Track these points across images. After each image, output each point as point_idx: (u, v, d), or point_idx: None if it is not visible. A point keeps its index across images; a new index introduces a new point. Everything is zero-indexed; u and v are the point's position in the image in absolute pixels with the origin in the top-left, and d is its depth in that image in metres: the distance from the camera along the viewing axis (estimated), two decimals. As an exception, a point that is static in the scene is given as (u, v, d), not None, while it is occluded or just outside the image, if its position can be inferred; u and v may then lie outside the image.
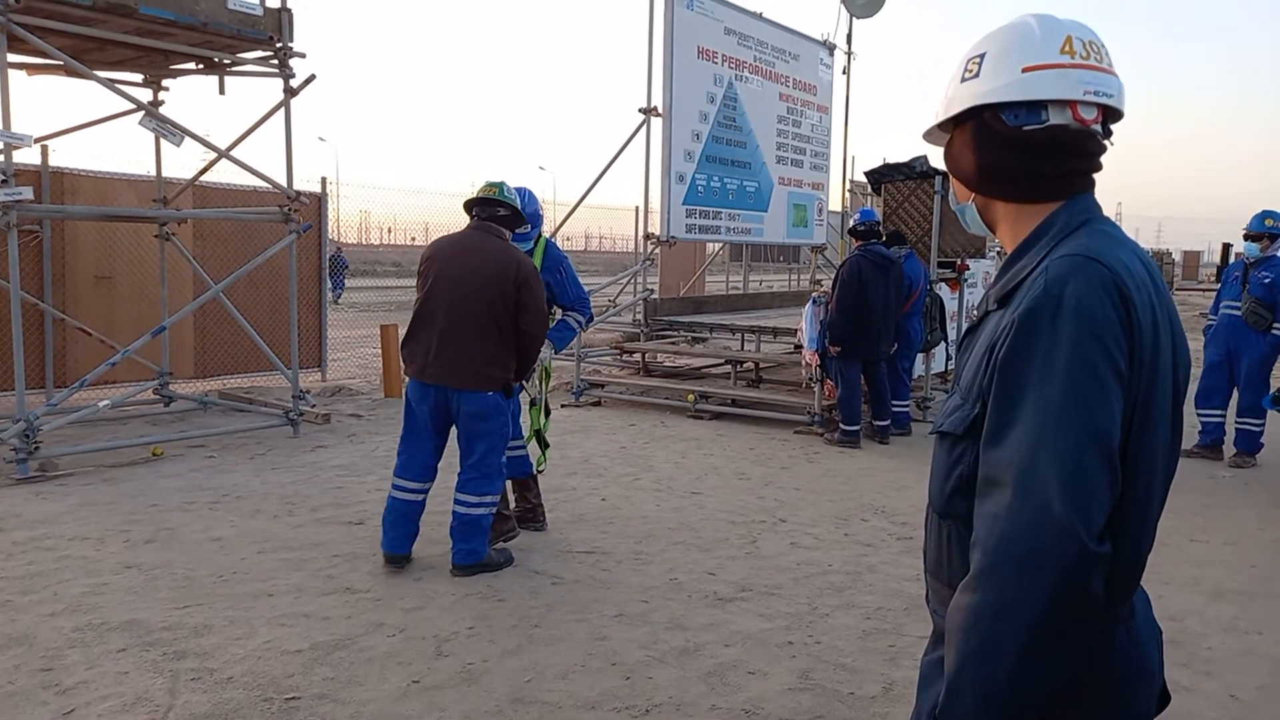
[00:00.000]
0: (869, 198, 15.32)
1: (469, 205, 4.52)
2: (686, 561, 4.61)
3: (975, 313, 1.41)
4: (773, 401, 8.54)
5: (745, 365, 9.78)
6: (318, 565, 4.45)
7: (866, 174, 10.16)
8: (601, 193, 18.66)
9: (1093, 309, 1.18)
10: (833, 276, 8.08)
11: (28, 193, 6.00)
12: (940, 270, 8.71)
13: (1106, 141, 1.39)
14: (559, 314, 4.99)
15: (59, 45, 6.26)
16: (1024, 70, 1.35)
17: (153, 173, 8.44)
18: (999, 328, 1.27)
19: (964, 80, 1.42)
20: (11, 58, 6.20)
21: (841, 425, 7.47)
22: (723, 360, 10.04)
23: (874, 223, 7.73)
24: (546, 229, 5.26)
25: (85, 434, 7.18)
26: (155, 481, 5.97)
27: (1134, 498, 1.24)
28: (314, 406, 8.03)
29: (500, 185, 4.49)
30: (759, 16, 10.88)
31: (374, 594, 4.10)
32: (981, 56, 1.40)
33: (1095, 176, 1.40)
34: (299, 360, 7.95)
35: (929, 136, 1.55)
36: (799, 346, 8.19)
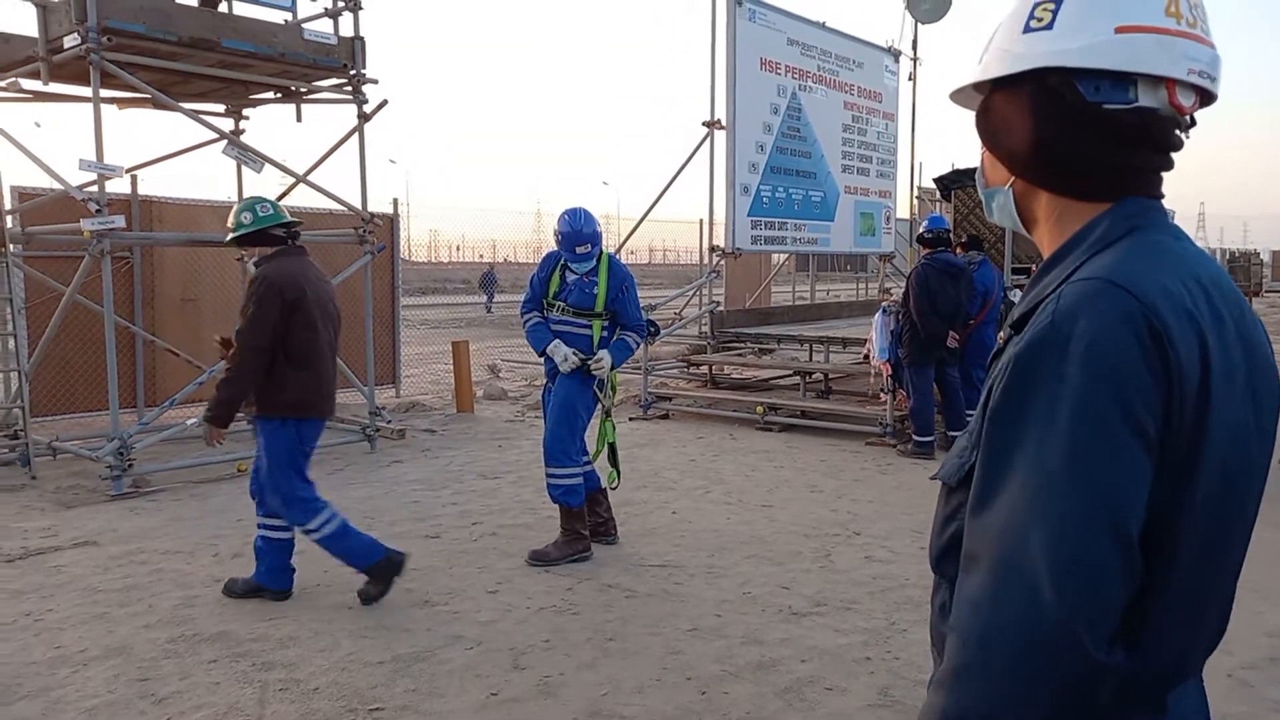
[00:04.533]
0: (938, 204, 15.07)
1: (288, 227, 4.23)
2: (759, 575, 4.58)
3: (1001, 335, 1.15)
4: (843, 413, 8.44)
5: (814, 376, 9.69)
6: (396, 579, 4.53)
7: (935, 180, 10.00)
8: (665, 206, 18.72)
9: (1109, 351, 0.94)
10: (903, 285, 7.96)
11: (120, 221, 6.29)
12: (1015, 277, 8.52)
13: (1186, 135, 1.11)
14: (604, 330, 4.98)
15: (147, 79, 6.55)
16: (1118, 30, 1.04)
17: (235, 198, 8.76)
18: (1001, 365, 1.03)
19: (1029, 30, 1.09)
20: (103, 93, 6.51)
21: (915, 436, 7.35)
22: (791, 371, 9.97)
23: (942, 230, 7.60)
24: (612, 244, 5.28)
25: (174, 451, 7.45)
26: (240, 497, 6.15)
27: (1172, 588, 0.99)
28: (389, 423, 8.21)
29: (272, 203, 4.26)
30: (822, 26, 10.83)
31: (451, 607, 4.16)
32: (1058, 1, 1.08)
33: (1164, 176, 1.13)
34: (374, 377, 8.14)
35: (958, 96, 1.23)
36: (867, 357, 8.08)
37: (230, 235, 4.23)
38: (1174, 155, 1.12)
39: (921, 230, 7.69)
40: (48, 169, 6.73)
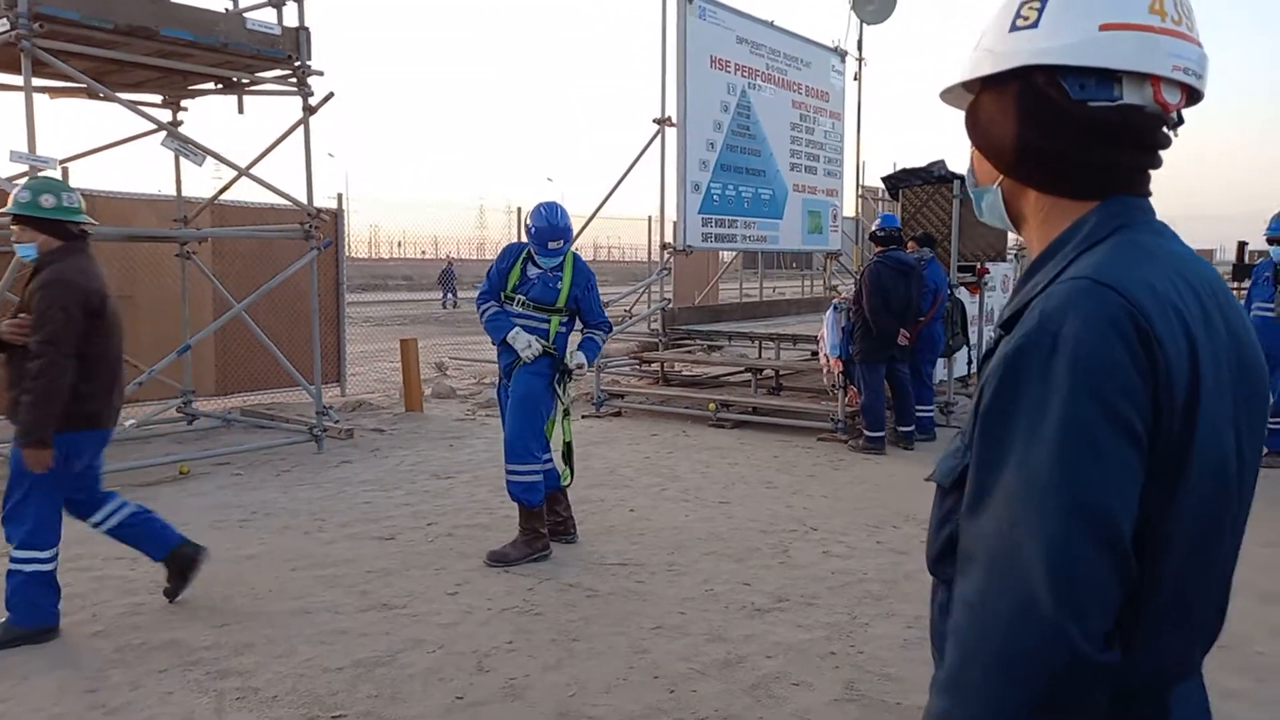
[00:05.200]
0: (881, 203, 15.31)
1: (77, 225, 3.82)
2: (721, 572, 4.59)
3: (991, 335, 1.17)
4: (795, 409, 8.52)
5: (765, 373, 9.76)
6: (351, 581, 4.45)
7: (884, 179, 10.16)
8: (611, 203, 18.69)
9: (1096, 352, 0.94)
10: (854, 283, 8.07)
11: (54, 215, 6.03)
12: (960, 275, 8.68)
13: (1173, 133, 1.12)
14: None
15: (81, 68, 6.30)
16: (1102, 27, 1.05)
17: (172, 192, 8.50)
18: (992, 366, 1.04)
19: (1015, 28, 1.10)
20: (36, 81, 6.25)
21: (866, 431, 7.45)
22: (742, 368, 10.02)
23: (894, 229, 7.71)
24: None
25: (112, 453, 7.14)
26: (184, 500, 5.98)
27: (1165, 586, 1.00)
28: (337, 422, 8.05)
29: (79, 196, 3.89)
30: (770, 25, 10.89)
31: (410, 610, 4.09)
32: (1043, 0, 1.09)
33: (1151, 174, 1.13)
34: (320, 376, 7.97)
35: (948, 96, 1.24)
36: (816, 354, 8.17)
37: (16, 210, 3.72)
38: (1161, 153, 1.12)
39: (874, 228, 7.80)
40: (-27, 160, 6.43)
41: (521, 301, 4.78)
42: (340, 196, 10.68)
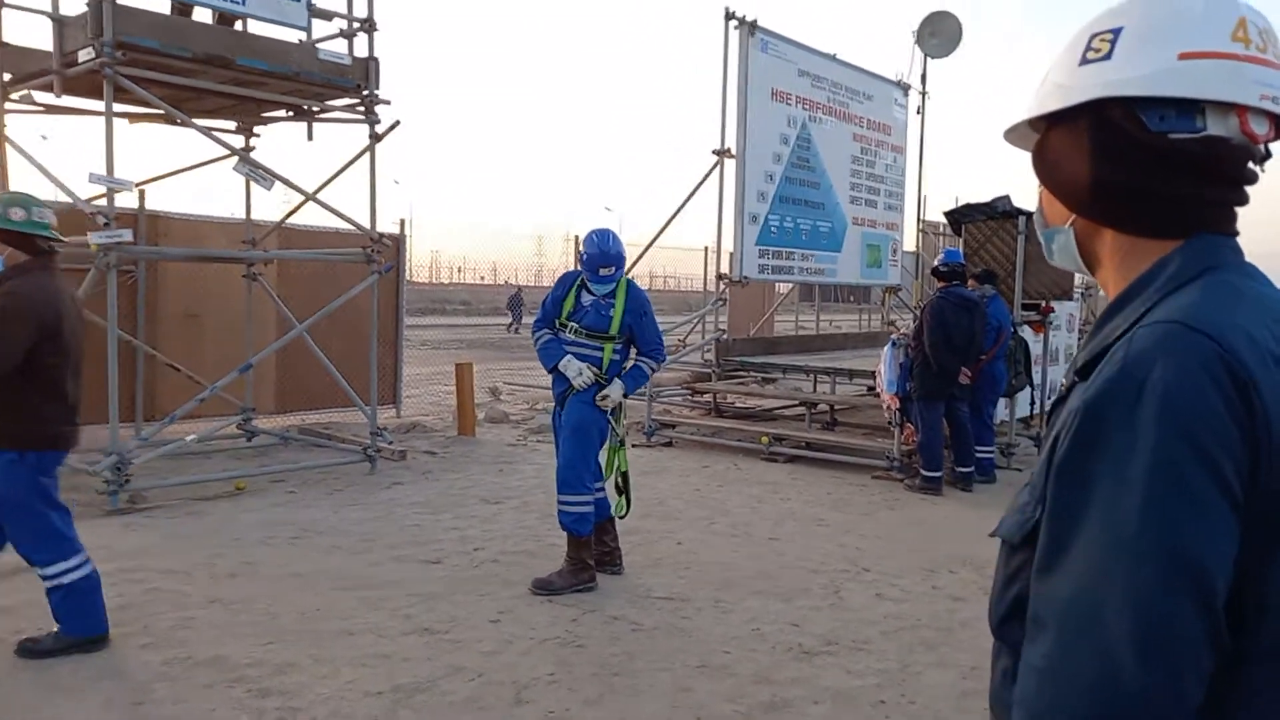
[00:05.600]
0: (943, 238, 15.08)
1: (45, 240, 3.78)
2: (768, 611, 4.49)
3: (1064, 381, 1.11)
4: (850, 445, 8.37)
5: (820, 407, 9.62)
6: (395, 604, 4.44)
7: (946, 214, 10.00)
8: (668, 233, 18.74)
9: (1188, 398, 0.87)
10: (913, 318, 7.93)
11: (127, 235, 6.25)
12: (1024, 313, 8.48)
13: (1261, 167, 1.06)
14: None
15: (160, 95, 6.53)
16: (1181, 57, 0.99)
17: (242, 215, 8.73)
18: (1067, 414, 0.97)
19: (1086, 62, 1.05)
20: (116, 107, 6.49)
21: (923, 471, 7.27)
22: (796, 402, 9.90)
23: (958, 264, 7.56)
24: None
25: (173, 467, 7.36)
26: (238, 515, 6.07)
27: (1263, 655, 0.90)
28: (390, 444, 8.13)
29: (48, 210, 3.82)
30: (833, 58, 10.87)
31: (452, 636, 4.07)
32: (1116, 32, 1.03)
33: (1238, 211, 1.06)
34: (376, 397, 8.07)
35: (1012, 135, 1.19)
36: (873, 390, 8.02)
37: None
38: (1248, 189, 1.06)
39: (937, 263, 7.66)
40: (57, 181, 6.70)
41: (574, 329, 4.77)
42: (403, 222, 10.89)
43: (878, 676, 3.76)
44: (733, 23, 9.38)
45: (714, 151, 9.50)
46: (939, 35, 12.27)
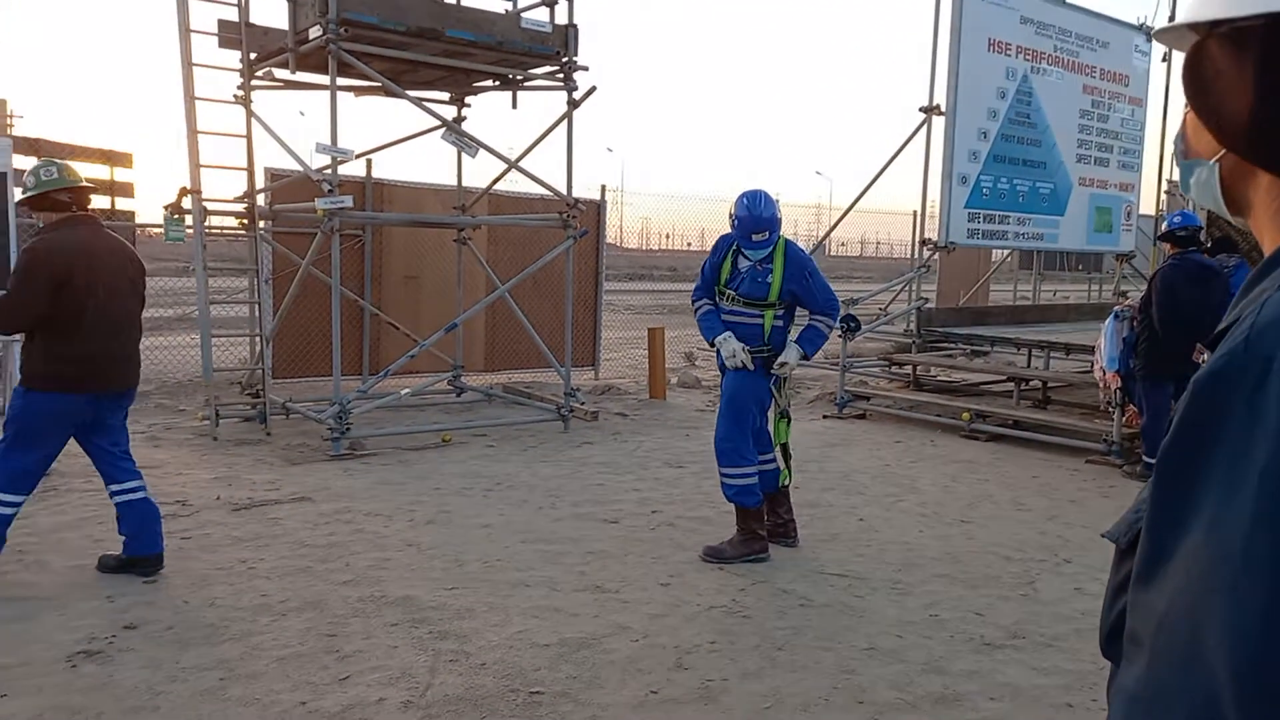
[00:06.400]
0: (1188, 199, 13.51)
1: (67, 194, 4.03)
2: (950, 597, 4.24)
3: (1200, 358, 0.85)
4: (1062, 425, 7.73)
5: (1031, 383, 8.95)
6: (572, 560, 4.58)
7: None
8: (878, 196, 17.96)
9: None
10: (1144, 288, 7.17)
11: (348, 201, 6.75)
12: None
13: None
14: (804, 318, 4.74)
15: (379, 69, 6.98)
16: None
17: (455, 182, 9.22)
18: None
19: None
20: (340, 81, 7.00)
21: (1145, 458, 6.59)
22: (1005, 377, 9.26)
23: (1194, 228, 6.73)
24: (819, 233, 5.03)
25: (388, 418, 7.96)
26: (441, 466, 6.48)
27: None
28: (583, 404, 8.38)
29: (59, 166, 4.08)
30: (1062, 2, 9.94)
31: (621, 595, 4.14)
32: None
33: None
34: (572, 359, 8.33)
35: (1166, 36, 0.97)
36: (1096, 365, 7.34)
37: (17, 199, 4.12)
38: None
39: (1168, 226, 6.87)
40: (291, 151, 7.34)
41: (731, 296, 4.60)
42: (604, 188, 11.10)
43: (1066, 676, 3.46)
44: (946, -31, 8.78)
45: (921, 109, 8.98)
46: (1193, -30, 10.89)
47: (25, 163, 11.13)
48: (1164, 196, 12.67)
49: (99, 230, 4.16)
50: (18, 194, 5.14)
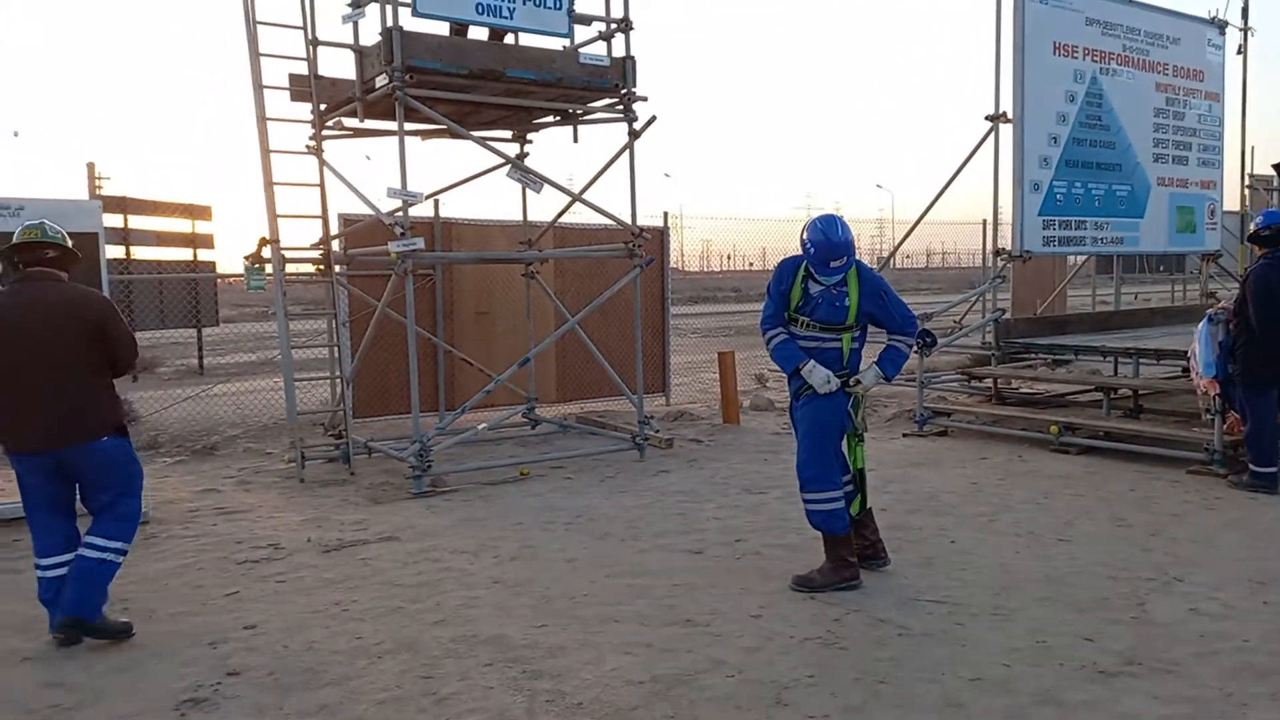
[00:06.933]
0: (1274, 194, 12.96)
1: (9, 253, 4.09)
2: (1056, 622, 4.07)
3: None
4: (1158, 435, 7.41)
5: (1120, 392, 8.63)
6: (659, 593, 4.53)
7: (1276, 165, 8.58)
8: (940, 206, 17.66)
9: None
10: (1236, 289, 6.87)
11: (420, 243, 6.87)
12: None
13: None
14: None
15: (444, 112, 7.11)
16: None
17: (520, 217, 9.33)
18: None
19: None
20: (408, 126, 7.16)
21: (1251, 466, 6.28)
22: (1092, 387, 8.95)
23: (1278, 225, 6.44)
24: (886, 248, 4.95)
25: (467, 453, 8.04)
26: (521, 500, 6.50)
27: None
28: (658, 431, 8.34)
29: (41, 226, 4.11)
30: (1128, 1, 9.68)
31: (713, 629, 4.07)
32: None
33: None
34: (644, 386, 8.32)
35: None
36: (1187, 371, 7.04)
37: None
38: None
39: (1256, 226, 6.59)
40: (363, 197, 7.51)
41: (805, 323, 4.50)
42: (666, 215, 11.12)
43: (1190, 705, 3.27)
44: (1006, -26, 8.64)
45: (987, 118, 8.81)
46: (1267, -44, 10.52)
47: (114, 220, 11.72)
48: (1248, 193, 12.20)
49: (32, 286, 4.05)
50: (109, 252, 5.28)
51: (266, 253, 7.37)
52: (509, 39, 7.47)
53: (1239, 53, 11.02)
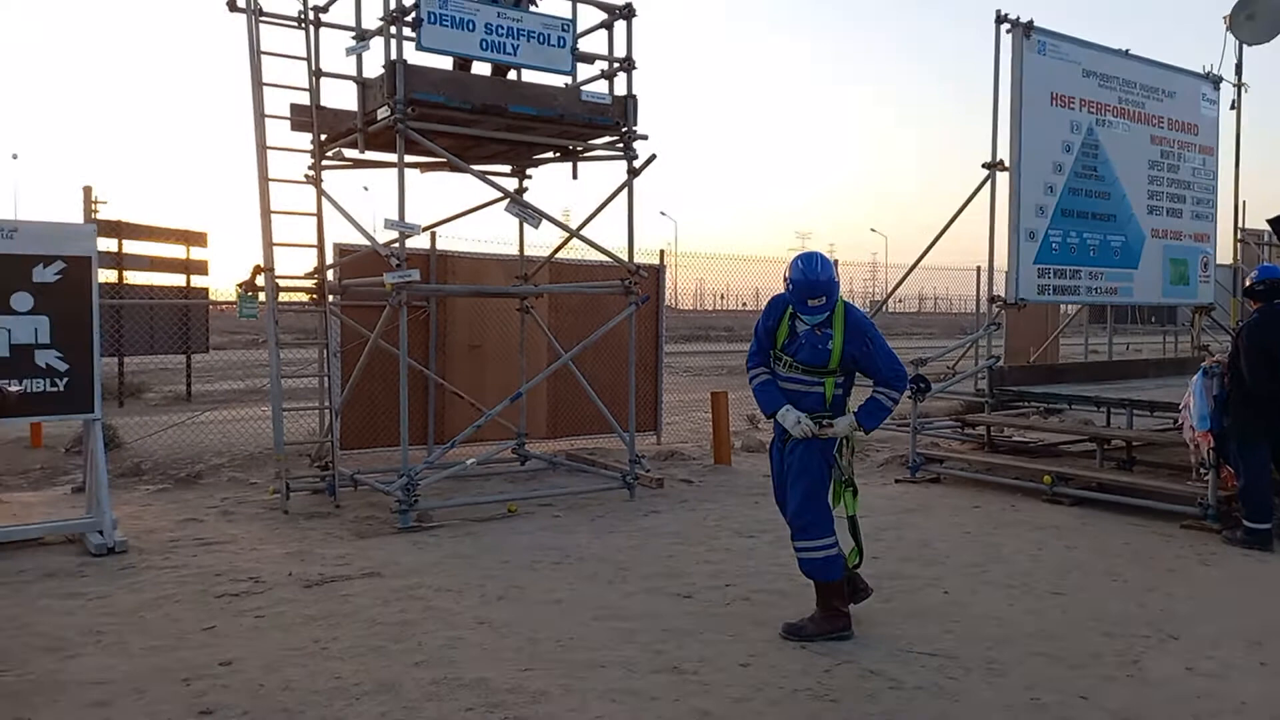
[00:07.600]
0: (1266, 248, 13.07)
1: None
2: (1050, 678, 3.99)
3: None
4: (1151, 488, 7.37)
5: (1114, 443, 8.59)
6: (647, 639, 4.44)
7: (1270, 221, 8.64)
8: (936, 252, 17.80)
9: None
10: (1229, 343, 6.88)
11: (415, 274, 6.83)
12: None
13: None
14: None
15: (444, 145, 7.12)
16: None
17: (517, 252, 9.32)
18: None
19: None
20: (408, 158, 7.16)
21: (1245, 521, 6.24)
22: (1085, 437, 8.91)
23: (1276, 280, 6.47)
24: (880, 292, 4.92)
25: (455, 488, 7.94)
26: (509, 537, 6.41)
27: None
28: (649, 471, 8.26)
29: None
30: (1124, 54, 9.82)
31: (700, 677, 3.98)
32: None
33: None
34: (635, 424, 8.25)
35: None
36: (1179, 424, 7.02)
37: None
38: None
39: (1250, 281, 6.61)
40: (359, 227, 7.50)
41: (788, 363, 4.41)
42: (662, 253, 11.13)
43: (1189, 771, 3.20)
44: (1004, 25, 8.75)
45: (984, 165, 8.86)
46: (1257, 17, 10.72)
47: (108, 245, 11.66)
48: (1240, 246, 12.29)
49: None
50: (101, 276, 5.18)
51: (260, 280, 7.33)
52: (512, 75, 7.51)
53: (1233, 107, 11.15)
